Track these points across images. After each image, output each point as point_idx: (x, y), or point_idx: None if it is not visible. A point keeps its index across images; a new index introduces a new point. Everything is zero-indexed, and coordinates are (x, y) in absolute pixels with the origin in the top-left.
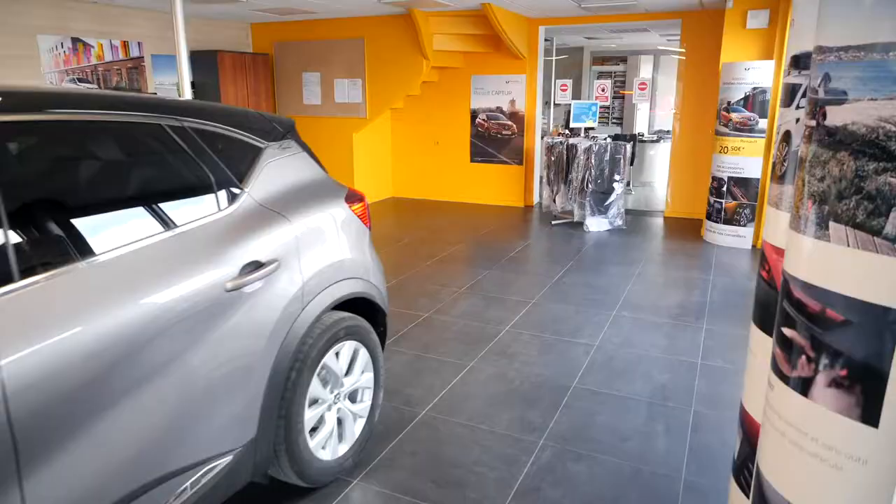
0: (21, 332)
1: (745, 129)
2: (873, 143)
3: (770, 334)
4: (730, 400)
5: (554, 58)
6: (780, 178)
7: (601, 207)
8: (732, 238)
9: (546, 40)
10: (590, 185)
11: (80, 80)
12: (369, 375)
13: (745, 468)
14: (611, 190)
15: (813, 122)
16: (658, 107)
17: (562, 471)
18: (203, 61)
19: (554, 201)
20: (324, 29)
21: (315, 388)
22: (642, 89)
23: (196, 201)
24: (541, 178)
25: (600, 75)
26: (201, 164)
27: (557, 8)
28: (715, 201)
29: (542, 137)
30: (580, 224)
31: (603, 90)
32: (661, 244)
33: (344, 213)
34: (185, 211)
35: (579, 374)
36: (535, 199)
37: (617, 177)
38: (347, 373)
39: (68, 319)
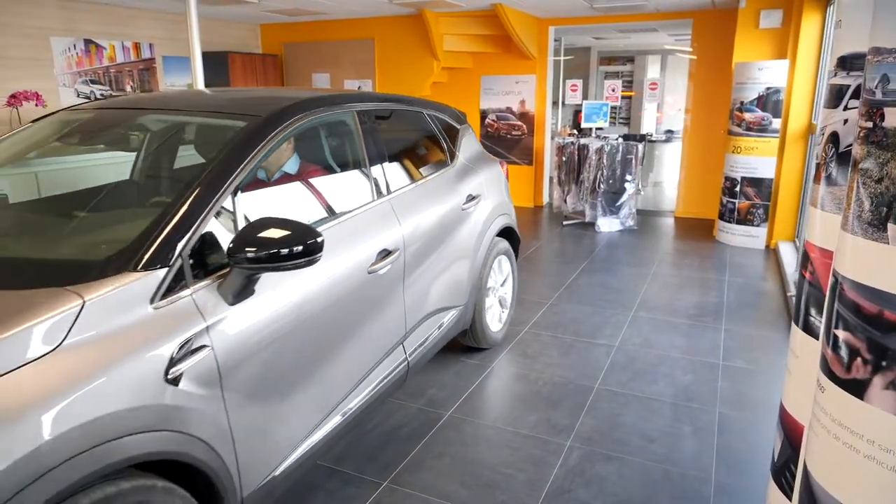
0: (392, 218)
1: (759, 129)
2: None
3: (814, 335)
4: (754, 401)
5: (562, 58)
6: (824, 180)
7: (613, 208)
8: (745, 238)
9: (555, 41)
10: (601, 186)
11: (93, 83)
12: (510, 281)
13: (786, 469)
14: (622, 190)
15: (869, 124)
16: (666, 107)
17: (591, 472)
18: (213, 62)
19: (565, 202)
20: (333, 29)
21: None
22: (653, 89)
23: (443, 158)
24: (551, 178)
25: (607, 75)
26: (440, 136)
27: (569, 8)
28: (728, 201)
29: (552, 138)
30: (591, 224)
31: (613, 90)
32: (674, 244)
33: (500, 170)
34: (441, 162)
35: (601, 375)
36: (545, 199)
37: (628, 177)
38: (504, 283)
39: (411, 211)
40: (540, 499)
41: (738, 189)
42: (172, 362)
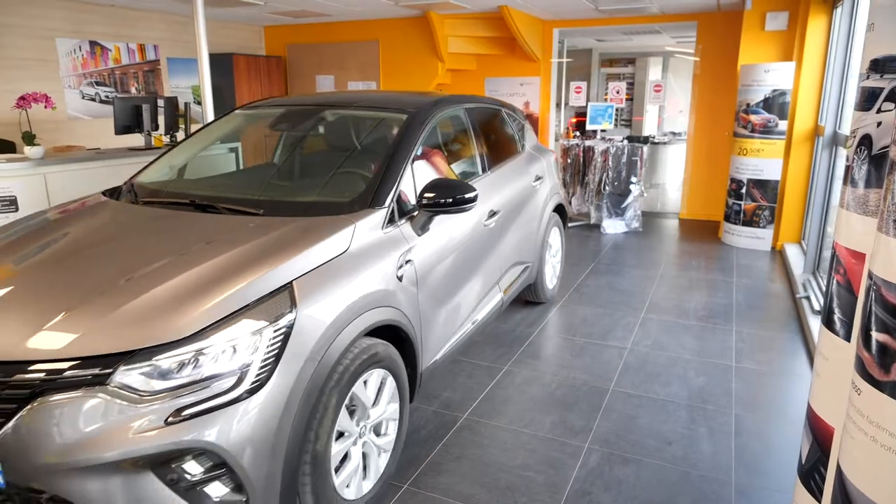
0: (496, 186)
1: (765, 131)
2: None
3: (845, 337)
4: (769, 402)
5: (564, 60)
6: (855, 182)
7: (618, 209)
8: (751, 240)
9: (558, 42)
10: (607, 188)
11: (98, 84)
12: (560, 249)
13: (815, 472)
14: (627, 192)
15: None
16: (667, 109)
17: (610, 475)
18: (218, 64)
19: (570, 203)
20: (337, 31)
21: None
22: (657, 91)
23: (515, 145)
24: None
25: (609, 77)
26: (512, 128)
27: (574, 10)
28: (734, 203)
29: (556, 140)
30: (597, 226)
31: (618, 92)
32: (680, 246)
33: (553, 156)
34: (515, 149)
35: (615, 377)
36: None
37: (634, 179)
38: (556, 250)
39: (503, 184)
40: (561, 501)
41: (743, 191)
42: (398, 267)
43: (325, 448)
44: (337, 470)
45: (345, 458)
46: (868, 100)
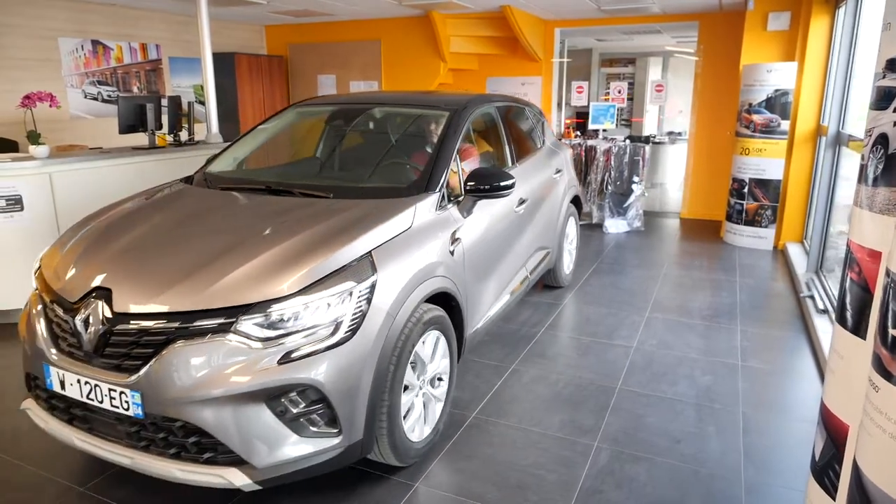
0: (523, 177)
1: (767, 130)
2: None
3: (860, 335)
4: (776, 401)
5: (565, 59)
6: (871, 181)
7: (620, 209)
8: (753, 239)
9: (559, 42)
10: (609, 187)
11: (100, 83)
12: (575, 238)
13: (829, 469)
14: (630, 191)
15: None
16: (667, 109)
17: (621, 473)
18: (220, 63)
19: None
20: (339, 31)
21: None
22: (659, 91)
23: (537, 140)
24: None
25: (609, 77)
26: (534, 125)
27: (577, 10)
28: (736, 202)
29: (558, 139)
30: (598, 226)
31: (619, 92)
32: (682, 246)
33: (570, 152)
34: (537, 144)
35: (622, 376)
36: None
37: (636, 178)
38: (571, 239)
39: (529, 175)
40: (572, 500)
41: (746, 190)
42: (450, 243)
43: (397, 395)
44: (404, 417)
45: (409, 407)
46: (884, 99)
